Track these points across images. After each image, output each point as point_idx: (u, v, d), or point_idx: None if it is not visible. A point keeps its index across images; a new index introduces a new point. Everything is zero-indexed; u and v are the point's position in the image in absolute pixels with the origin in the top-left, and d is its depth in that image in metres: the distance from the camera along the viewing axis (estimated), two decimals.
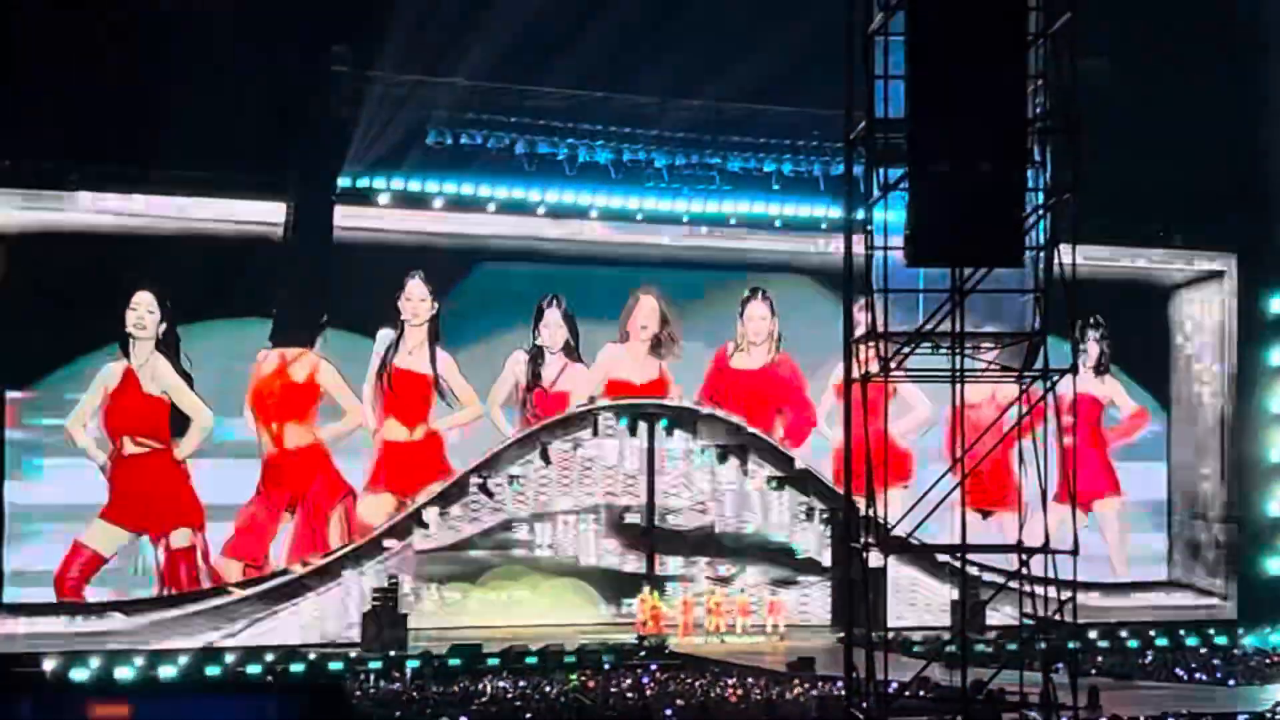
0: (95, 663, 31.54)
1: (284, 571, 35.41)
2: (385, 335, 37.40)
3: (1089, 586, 34.22)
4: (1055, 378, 23.41)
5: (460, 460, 37.29)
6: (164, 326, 35.11)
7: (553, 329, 38.68)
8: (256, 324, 35.73)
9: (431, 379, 37.65)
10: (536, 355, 38.68)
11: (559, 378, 38.87)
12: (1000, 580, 25.69)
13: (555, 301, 38.60)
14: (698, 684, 30.47)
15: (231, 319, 35.74)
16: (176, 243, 34.73)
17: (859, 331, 23.80)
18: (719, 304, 39.76)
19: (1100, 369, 41.55)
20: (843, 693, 25.45)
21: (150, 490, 34.99)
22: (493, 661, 33.15)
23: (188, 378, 35.28)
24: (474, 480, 36.68)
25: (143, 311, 34.97)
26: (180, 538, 35.17)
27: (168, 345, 35.13)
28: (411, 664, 32.71)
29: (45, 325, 33.76)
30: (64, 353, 34.49)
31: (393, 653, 33.24)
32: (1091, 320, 40.34)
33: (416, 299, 37.56)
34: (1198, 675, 33.71)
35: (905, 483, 35.51)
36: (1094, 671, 32.82)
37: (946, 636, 32.84)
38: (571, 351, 38.87)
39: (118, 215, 34.08)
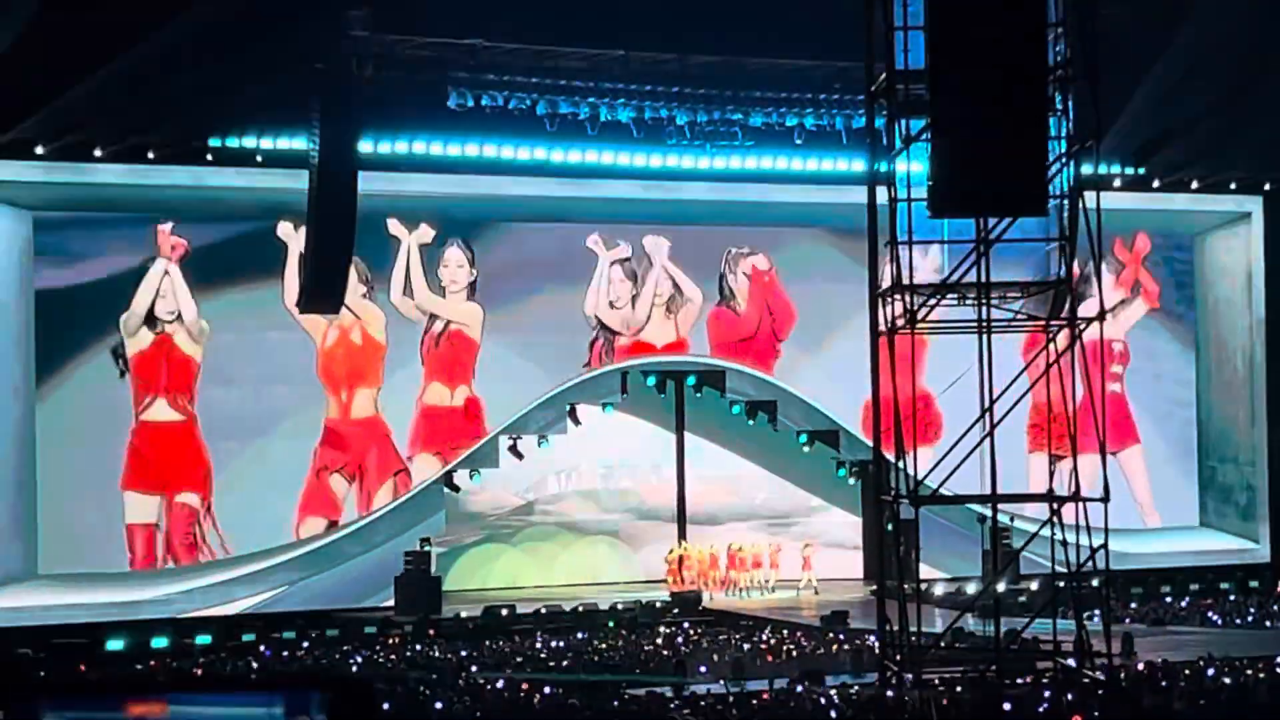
0: (129, 633, 31.72)
1: (320, 536, 35.62)
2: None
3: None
4: (1082, 325, 23.38)
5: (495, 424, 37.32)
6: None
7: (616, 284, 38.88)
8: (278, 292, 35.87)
9: (476, 344, 37.74)
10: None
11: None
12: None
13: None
14: (732, 639, 30.51)
15: (254, 288, 35.87)
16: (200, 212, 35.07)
17: (884, 284, 23.76)
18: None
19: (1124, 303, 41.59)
20: (877, 646, 25.50)
21: (170, 456, 35.41)
22: (526, 622, 33.19)
23: None
24: (504, 441, 36.72)
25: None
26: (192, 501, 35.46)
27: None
28: (445, 626, 32.82)
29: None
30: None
31: (427, 614, 33.33)
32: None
33: (454, 266, 37.65)
34: (1233, 620, 33.68)
35: (934, 442, 35.29)
36: (1127, 619, 32.82)
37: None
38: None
39: (140, 186, 34.10)
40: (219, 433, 35.67)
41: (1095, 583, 26.95)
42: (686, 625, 32.90)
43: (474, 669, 26.64)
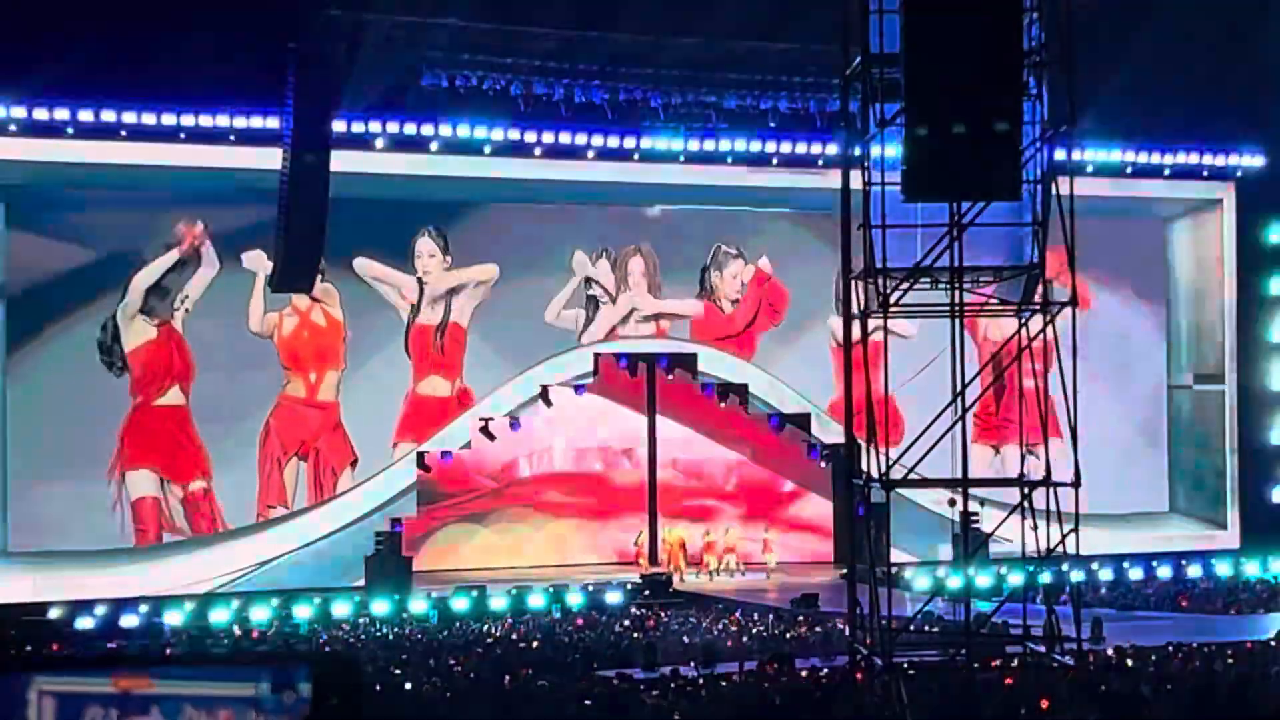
0: (101, 610, 31.66)
1: (292, 515, 35.57)
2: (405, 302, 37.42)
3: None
4: (1055, 310, 23.42)
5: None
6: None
7: (602, 276, 38.73)
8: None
9: (464, 329, 37.57)
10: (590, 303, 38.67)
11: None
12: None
13: (605, 252, 38.69)
14: (701, 621, 30.53)
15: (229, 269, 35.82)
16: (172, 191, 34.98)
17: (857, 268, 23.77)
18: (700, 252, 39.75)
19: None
20: (846, 628, 25.54)
21: (169, 437, 35.39)
22: (497, 603, 33.16)
23: None
24: (476, 423, 36.66)
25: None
26: (195, 484, 35.48)
27: None
28: (415, 606, 32.78)
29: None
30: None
31: (397, 595, 33.30)
32: None
33: (426, 256, 37.46)
34: (1201, 605, 33.78)
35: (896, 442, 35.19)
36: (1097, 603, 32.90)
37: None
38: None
39: (113, 165, 33.92)
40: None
41: (1065, 568, 27.02)
42: (657, 606, 32.89)
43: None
